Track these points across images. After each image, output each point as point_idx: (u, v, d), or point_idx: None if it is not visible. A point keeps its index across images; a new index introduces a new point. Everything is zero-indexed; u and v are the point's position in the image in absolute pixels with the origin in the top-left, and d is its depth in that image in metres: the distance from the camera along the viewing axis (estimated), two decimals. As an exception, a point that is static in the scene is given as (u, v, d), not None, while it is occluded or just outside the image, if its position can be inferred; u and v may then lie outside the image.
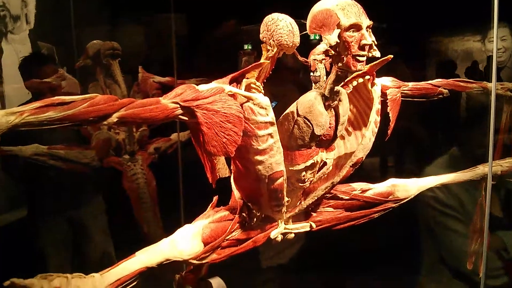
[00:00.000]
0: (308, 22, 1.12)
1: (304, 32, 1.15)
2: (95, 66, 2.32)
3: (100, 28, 2.64)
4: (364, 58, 1.12)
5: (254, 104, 1.06)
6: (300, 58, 1.24)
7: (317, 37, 1.17)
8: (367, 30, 1.11)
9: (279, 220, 1.30)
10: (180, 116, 1.00)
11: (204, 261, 1.15)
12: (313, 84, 1.20)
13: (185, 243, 1.12)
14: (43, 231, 2.27)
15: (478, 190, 1.67)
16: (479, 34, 2.71)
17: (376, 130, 1.31)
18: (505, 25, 2.67)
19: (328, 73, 1.18)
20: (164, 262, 1.07)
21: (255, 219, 1.27)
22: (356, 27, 1.09)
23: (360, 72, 1.30)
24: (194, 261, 1.12)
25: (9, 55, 2.45)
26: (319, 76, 1.21)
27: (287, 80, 2.14)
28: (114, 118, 0.90)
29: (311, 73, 1.21)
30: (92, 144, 2.22)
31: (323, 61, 1.20)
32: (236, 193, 1.29)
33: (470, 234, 1.75)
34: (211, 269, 1.80)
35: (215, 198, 1.31)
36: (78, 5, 2.48)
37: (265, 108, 1.07)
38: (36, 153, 2.18)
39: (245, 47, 2.42)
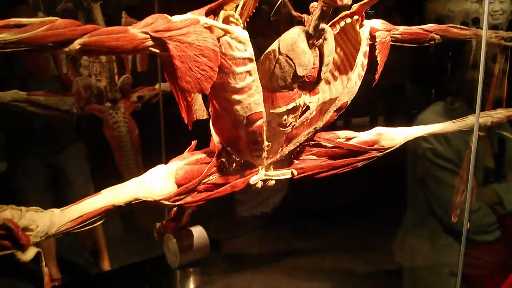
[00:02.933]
0: None
1: None
2: (76, 10, 2.22)
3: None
4: (351, -9, 1.04)
5: (232, 38, 0.99)
6: (294, 13, 1.17)
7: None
8: (355, -40, 1.03)
9: (260, 166, 1.26)
10: (150, 48, 0.93)
11: (177, 203, 1.10)
12: None
13: (156, 183, 1.07)
14: (22, 177, 2.23)
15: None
16: (478, -5, 2.63)
17: (362, 73, 1.25)
18: (504, -13, 2.59)
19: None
20: (133, 202, 1.02)
21: (234, 164, 1.22)
22: (344, -44, 1.02)
23: (348, 12, 1.24)
24: (167, 202, 1.08)
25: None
26: None
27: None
28: (76, 44, 0.83)
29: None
30: (72, 91, 2.16)
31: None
32: (214, 137, 1.24)
33: (457, 185, 1.72)
34: (193, 218, 1.78)
35: (193, 142, 1.26)
36: None
37: (243, 43, 1.00)
38: (15, 99, 2.12)
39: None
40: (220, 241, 2.04)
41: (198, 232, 1.75)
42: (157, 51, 0.93)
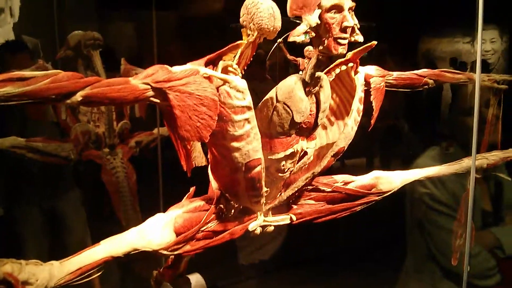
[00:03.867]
0: (288, 3, 1.08)
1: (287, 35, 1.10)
2: (76, 57, 2.26)
3: (84, 21, 2.59)
4: (345, 41, 1.07)
5: (231, 87, 1.01)
6: (289, 57, 1.20)
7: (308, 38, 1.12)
8: (349, 12, 1.06)
9: (258, 212, 1.25)
10: (151, 98, 0.95)
11: (176, 252, 1.09)
12: None
13: (155, 232, 1.06)
14: (20, 223, 2.21)
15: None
16: (469, 36, 2.69)
17: (358, 119, 1.27)
18: (495, 27, 2.66)
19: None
20: (132, 252, 1.02)
21: (232, 211, 1.22)
22: (338, 8, 1.05)
23: (343, 59, 1.27)
24: (165, 252, 1.07)
25: (-7, 48, 2.38)
26: None
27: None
28: (78, 96, 0.84)
29: (300, 72, 1.17)
30: (71, 137, 2.17)
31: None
32: (213, 183, 1.24)
33: (455, 229, 1.71)
34: (190, 266, 1.75)
35: (192, 189, 1.26)
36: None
37: (242, 92, 1.02)
38: (14, 146, 2.13)
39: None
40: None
41: (195, 279, 1.72)
42: (158, 101, 0.95)
